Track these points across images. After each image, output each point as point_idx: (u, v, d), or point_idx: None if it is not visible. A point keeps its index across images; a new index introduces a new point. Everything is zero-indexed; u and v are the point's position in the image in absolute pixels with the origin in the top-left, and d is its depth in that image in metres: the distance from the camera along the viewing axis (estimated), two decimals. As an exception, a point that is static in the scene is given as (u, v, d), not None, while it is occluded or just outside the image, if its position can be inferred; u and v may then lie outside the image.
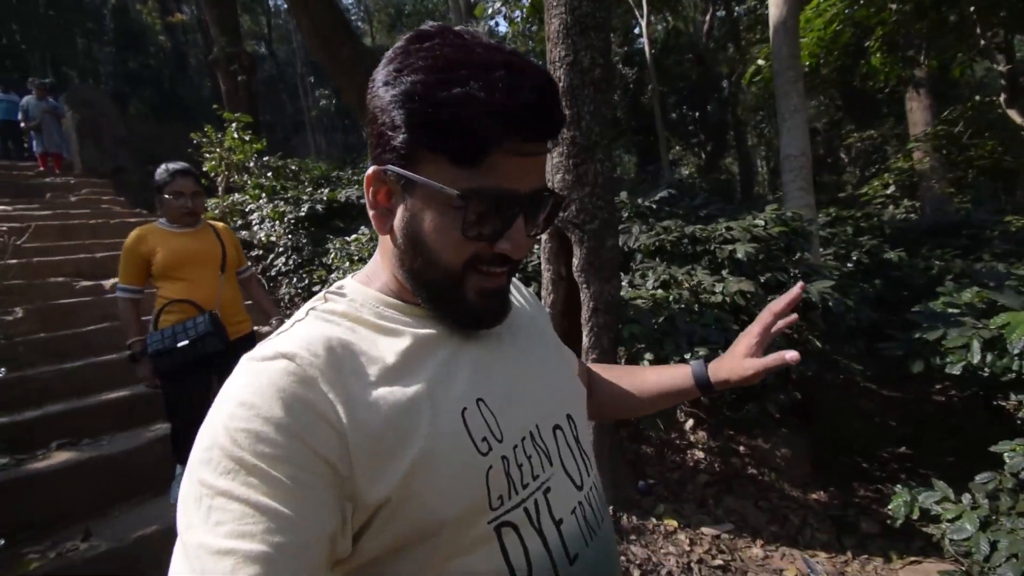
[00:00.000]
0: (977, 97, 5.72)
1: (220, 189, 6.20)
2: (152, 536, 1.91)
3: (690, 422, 3.98)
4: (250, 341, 2.34)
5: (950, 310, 2.69)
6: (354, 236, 4.49)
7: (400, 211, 0.51)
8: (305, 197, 5.27)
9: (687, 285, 3.61)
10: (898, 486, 2.38)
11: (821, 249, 5.18)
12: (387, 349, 0.50)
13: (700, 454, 3.74)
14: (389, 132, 0.48)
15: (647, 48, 12.29)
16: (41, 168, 7.31)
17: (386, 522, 0.44)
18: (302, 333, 0.49)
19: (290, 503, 0.39)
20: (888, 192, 6.78)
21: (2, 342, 2.80)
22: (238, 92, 9.05)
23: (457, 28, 0.49)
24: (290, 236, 4.98)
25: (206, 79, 20.89)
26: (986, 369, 2.23)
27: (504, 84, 0.43)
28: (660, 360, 3.07)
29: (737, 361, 0.74)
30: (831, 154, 12.46)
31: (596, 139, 2.92)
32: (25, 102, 7.36)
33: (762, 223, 3.82)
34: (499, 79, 0.43)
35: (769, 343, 0.75)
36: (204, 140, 5.98)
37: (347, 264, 4.19)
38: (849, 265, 4.85)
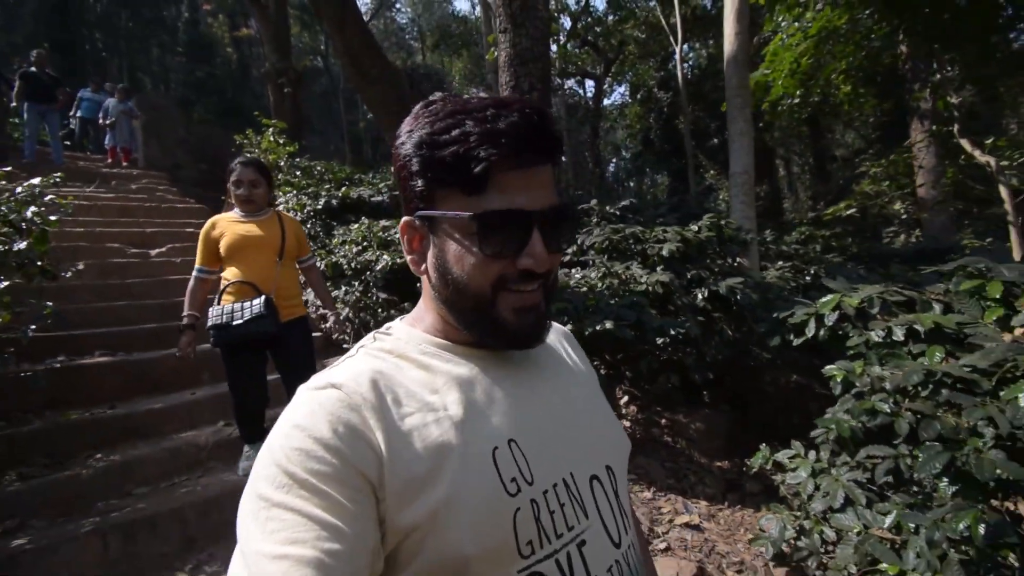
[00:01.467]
0: (934, 127, 6.01)
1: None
2: (158, 410, 2.68)
3: (625, 398, 4.51)
4: (303, 323, 2.49)
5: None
6: (356, 225, 5.29)
7: (430, 251, 0.55)
8: (324, 193, 6.15)
9: (622, 276, 4.19)
10: (763, 445, 2.86)
11: (781, 261, 5.61)
12: (426, 384, 0.53)
13: (627, 423, 4.25)
14: (410, 181, 0.54)
15: (679, 74, 12.89)
16: (110, 160, 8.56)
17: (413, 553, 0.46)
18: (351, 367, 0.53)
19: (338, 514, 0.42)
20: (848, 214, 7.08)
21: (64, 283, 3.67)
22: (284, 103, 10.22)
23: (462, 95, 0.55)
24: (308, 225, 5.84)
25: (266, 89, 22.79)
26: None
27: (492, 115, 0.49)
28: (578, 333, 3.68)
29: None
30: (847, 181, 12.62)
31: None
32: (107, 103, 8.67)
33: (695, 228, 4.37)
34: (489, 114, 0.49)
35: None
36: (245, 141, 7.00)
37: (344, 247, 4.98)
38: (807, 277, 5.28)
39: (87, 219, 5.24)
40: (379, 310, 4.71)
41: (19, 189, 2.32)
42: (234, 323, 2.19)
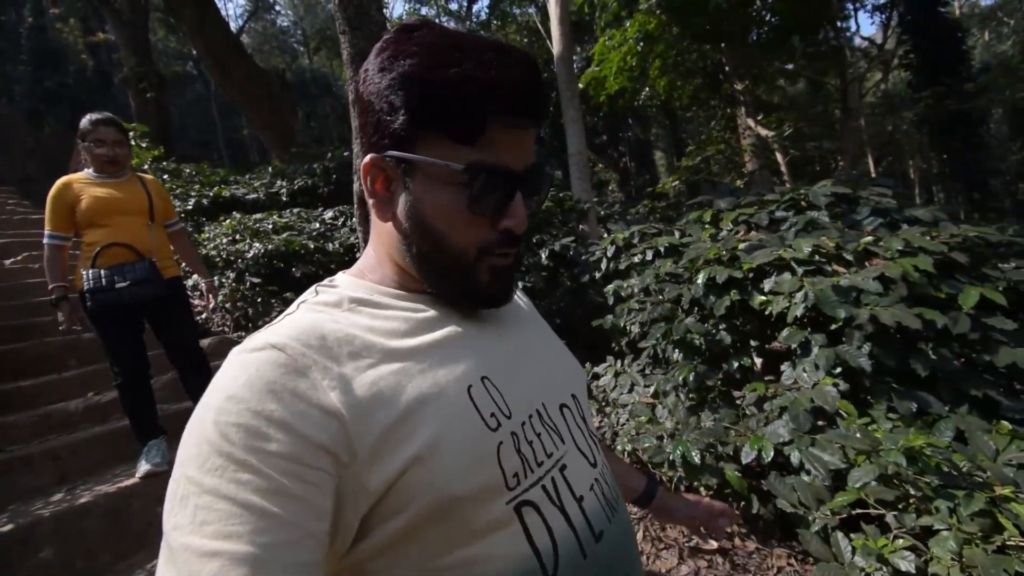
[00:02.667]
0: (728, 110, 7.51)
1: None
2: (28, 386, 2.88)
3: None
4: (179, 282, 2.46)
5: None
6: (227, 220, 5.50)
7: (403, 197, 0.51)
8: (193, 193, 6.23)
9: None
10: (587, 364, 3.60)
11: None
12: (385, 332, 0.50)
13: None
14: (387, 117, 0.48)
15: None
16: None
17: (397, 505, 0.43)
18: (292, 322, 0.48)
19: (281, 500, 0.38)
20: (675, 186, 8.56)
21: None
22: (148, 108, 9.81)
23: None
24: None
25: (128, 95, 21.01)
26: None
27: (497, 62, 0.46)
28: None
29: (692, 510, 0.84)
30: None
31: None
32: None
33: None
34: (491, 58, 0.46)
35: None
36: (105, 147, 6.82)
37: (215, 240, 5.19)
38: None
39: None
40: (257, 299, 5.00)
41: None
42: (117, 286, 2.08)
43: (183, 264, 3.18)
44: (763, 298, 2.24)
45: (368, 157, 0.52)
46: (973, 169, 11.41)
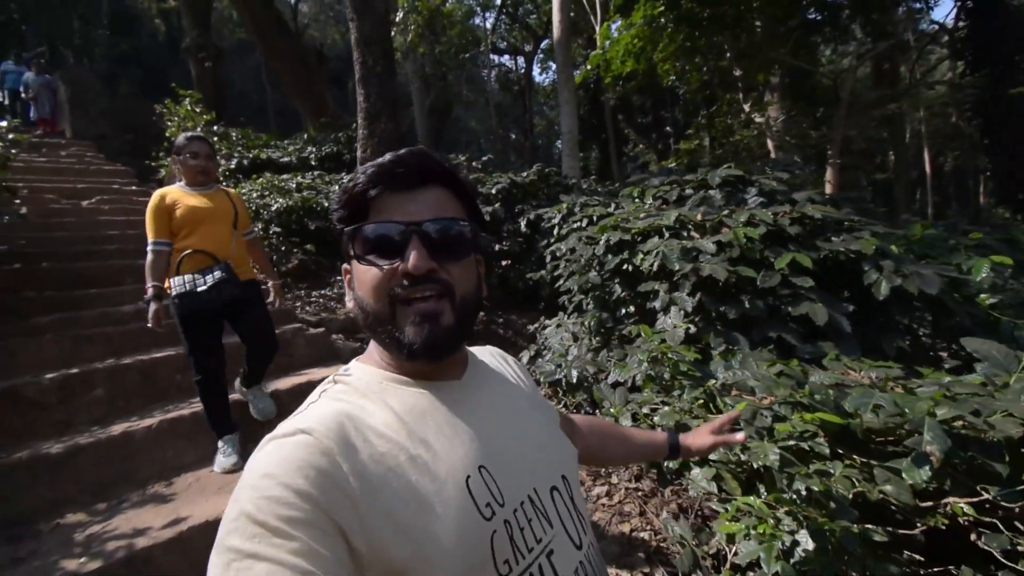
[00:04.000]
0: (728, 95, 7.64)
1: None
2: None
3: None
4: (257, 285, 2.63)
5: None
6: (259, 179, 6.37)
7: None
8: (236, 155, 7.14)
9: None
10: (543, 319, 4.21)
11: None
12: (391, 423, 0.55)
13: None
14: (336, 227, 0.62)
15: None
16: (39, 131, 9.10)
17: None
18: (317, 411, 0.55)
19: (313, 560, 0.43)
20: (672, 167, 8.77)
21: (16, 221, 4.65)
22: (205, 76, 10.86)
23: None
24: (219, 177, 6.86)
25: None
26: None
27: (378, 162, 0.59)
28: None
29: (702, 438, 0.96)
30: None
31: (380, 109, 4.81)
32: (26, 76, 9.15)
33: (524, 174, 5.73)
34: (372, 165, 0.60)
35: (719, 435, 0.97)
36: (165, 111, 7.83)
37: (246, 194, 6.07)
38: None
39: (24, 177, 6.09)
40: (281, 247, 5.86)
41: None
42: (198, 289, 2.25)
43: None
44: (641, 256, 2.79)
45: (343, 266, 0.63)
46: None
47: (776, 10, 6.37)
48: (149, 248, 2.37)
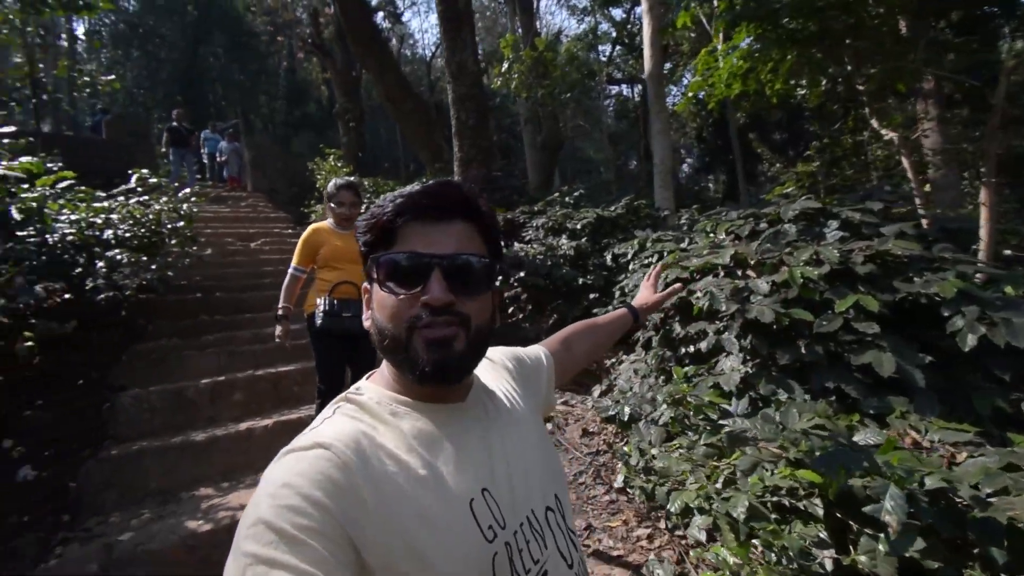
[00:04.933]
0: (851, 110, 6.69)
1: (326, 198, 9.62)
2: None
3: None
4: None
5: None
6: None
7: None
8: (365, 201, 8.35)
9: (552, 246, 5.76)
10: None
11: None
12: (400, 444, 0.57)
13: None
14: (361, 251, 0.65)
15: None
16: (229, 187, 11.55)
17: None
18: (334, 427, 0.57)
19: (325, 568, 0.45)
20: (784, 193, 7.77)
21: (195, 261, 5.97)
22: (350, 135, 12.80)
23: None
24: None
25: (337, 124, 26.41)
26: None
27: (407, 192, 0.62)
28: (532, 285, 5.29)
29: (648, 296, 1.14)
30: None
31: (472, 156, 5.35)
32: (220, 145, 11.73)
33: (612, 209, 5.81)
34: (402, 193, 0.62)
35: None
36: (315, 167, 9.44)
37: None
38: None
39: (211, 225, 7.80)
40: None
41: (180, 194, 4.49)
42: (343, 314, 2.52)
43: None
44: (695, 296, 2.76)
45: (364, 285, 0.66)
46: None
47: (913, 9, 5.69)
48: (290, 270, 2.77)
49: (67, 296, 3.95)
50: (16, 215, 2.97)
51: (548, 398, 0.89)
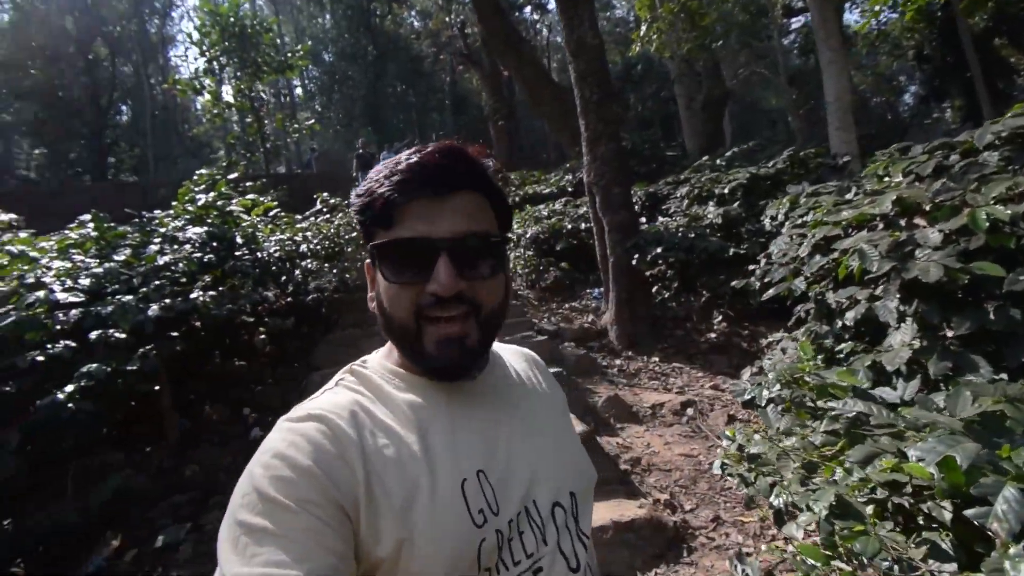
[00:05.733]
0: None
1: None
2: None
3: (719, 317, 5.49)
4: None
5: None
6: (522, 212, 7.62)
7: (376, 287, 0.60)
8: (509, 194, 8.75)
9: (700, 217, 5.30)
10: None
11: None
12: (398, 417, 0.56)
13: (712, 335, 5.29)
14: (358, 226, 0.62)
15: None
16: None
17: None
18: (331, 399, 0.57)
19: (318, 535, 0.45)
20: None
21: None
22: (500, 132, 13.55)
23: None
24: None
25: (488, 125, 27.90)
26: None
27: (401, 162, 0.56)
28: (643, 261, 5.06)
29: None
30: None
31: (600, 133, 5.20)
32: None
33: (772, 164, 5.04)
34: (399, 161, 0.56)
35: None
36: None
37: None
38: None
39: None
40: (539, 266, 6.90)
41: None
42: None
43: None
44: (840, 256, 2.29)
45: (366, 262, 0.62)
46: None
47: None
48: None
49: (288, 299, 5.08)
50: (239, 239, 3.93)
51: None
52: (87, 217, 3.85)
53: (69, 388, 2.28)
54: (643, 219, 6.69)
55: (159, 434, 3.43)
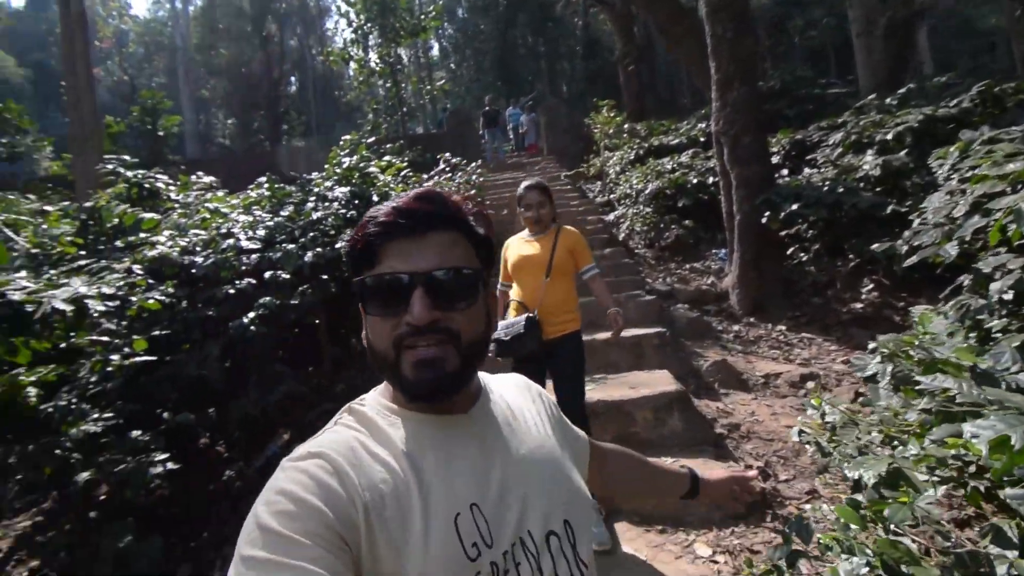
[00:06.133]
0: None
1: (602, 149, 10.10)
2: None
3: (870, 285, 4.83)
4: (572, 339, 2.44)
5: None
6: (642, 167, 7.28)
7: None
8: (632, 147, 8.38)
9: (853, 168, 4.62)
10: None
11: None
12: (394, 452, 0.58)
13: (858, 305, 4.69)
14: (348, 272, 0.64)
15: None
16: (529, 154, 13.43)
17: None
18: (330, 437, 0.60)
19: (324, 564, 0.47)
20: None
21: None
22: (630, 79, 12.81)
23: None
24: (623, 171, 8.25)
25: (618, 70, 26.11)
26: None
27: (380, 209, 0.62)
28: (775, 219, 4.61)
29: (718, 474, 0.99)
30: None
31: (732, 75, 4.76)
32: (520, 118, 13.65)
33: (954, 102, 4.12)
34: (380, 210, 0.62)
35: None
36: (590, 121, 9.98)
37: (629, 181, 7.08)
38: None
39: (511, 190, 9.41)
40: (659, 224, 6.64)
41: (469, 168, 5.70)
42: (504, 338, 2.31)
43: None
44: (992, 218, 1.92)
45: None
46: None
47: None
48: (499, 287, 2.63)
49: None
50: (375, 197, 4.46)
51: (580, 472, 0.81)
52: (263, 180, 4.68)
53: (251, 315, 2.93)
54: (785, 171, 5.99)
55: (317, 358, 4.21)
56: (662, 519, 2.34)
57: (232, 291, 3.06)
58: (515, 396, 0.75)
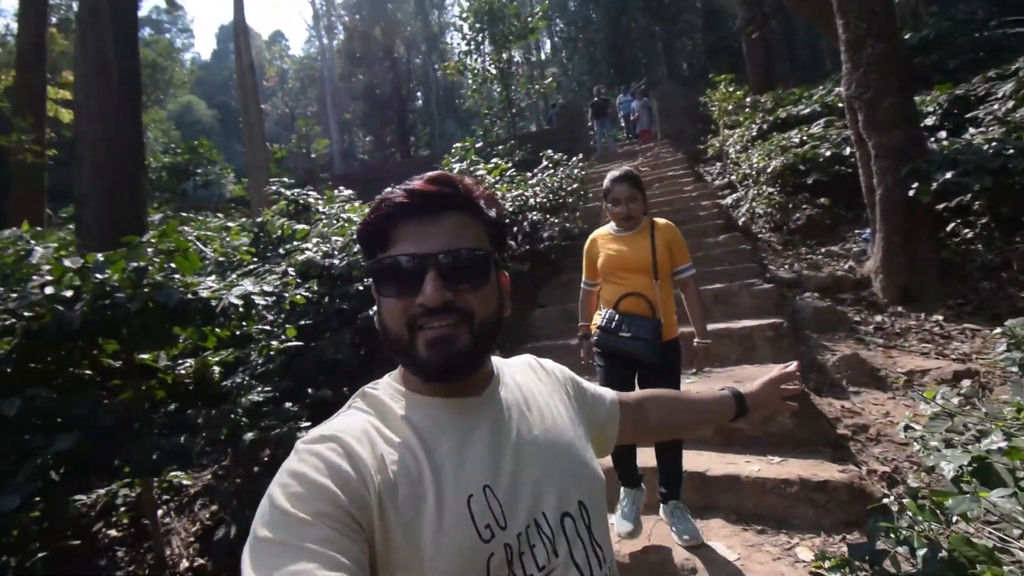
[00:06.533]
0: None
1: (721, 128, 9.40)
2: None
3: None
4: (673, 346, 2.28)
5: None
6: (765, 143, 6.64)
7: None
8: (756, 123, 7.65)
9: (1021, 122, 3.79)
10: None
11: None
12: (406, 436, 0.59)
13: None
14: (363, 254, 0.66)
15: None
16: (642, 141, 12.95)
17: None
18: (343, 421, 0.60)
19: (336, 546, 0.47)
20: None
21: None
22: (754, 48, 11.69)
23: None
24: (743, 151, 7.60)
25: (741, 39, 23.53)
26: None
27: (393, 192, 0.62)
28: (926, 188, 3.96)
29: (763, 389, 0.97)
30: None
31: (863, 32, 4.19)
32: (632, 105, 13.20)
33: None
34: (392, 193, 0.62)
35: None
36: (707, 99, 9.33)
37: (752, 159, 6.50)
38: None
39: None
40: (788, 204, 6.03)
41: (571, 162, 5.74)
42: (621, 333, 2.16)
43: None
44: None
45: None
46: None
47: None
48: (581, 286, 2.49)
49: (526, 247, 5.91)
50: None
51: (605, 435, 0.84)
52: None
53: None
54: (943, 134, 5.05)
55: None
56: (763, 519, 2.21)
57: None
58: (527, 378, 0.76)
